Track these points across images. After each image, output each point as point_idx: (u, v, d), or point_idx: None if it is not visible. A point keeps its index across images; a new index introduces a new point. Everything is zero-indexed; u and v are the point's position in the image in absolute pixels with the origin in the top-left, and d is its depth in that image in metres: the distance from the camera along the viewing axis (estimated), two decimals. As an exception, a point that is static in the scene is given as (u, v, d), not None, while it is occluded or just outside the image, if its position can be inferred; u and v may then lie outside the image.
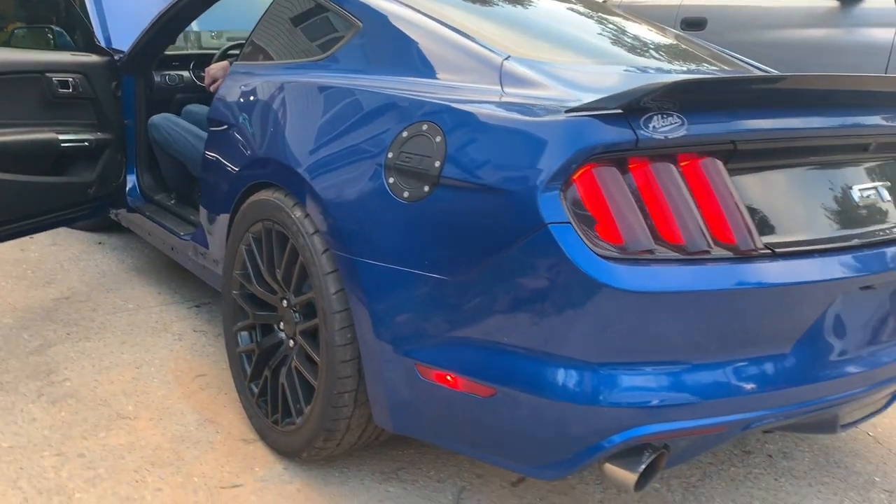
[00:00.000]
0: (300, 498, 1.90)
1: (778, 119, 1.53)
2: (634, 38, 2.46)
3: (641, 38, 2.45)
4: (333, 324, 1.76)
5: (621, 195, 1.41)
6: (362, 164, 1.72)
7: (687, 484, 2.05)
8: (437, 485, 1.98)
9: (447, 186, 1.55)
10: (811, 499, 2.03)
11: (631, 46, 2.36)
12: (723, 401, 1.46)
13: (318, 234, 1.81)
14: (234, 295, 2.20)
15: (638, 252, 1.40)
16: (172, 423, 2.21)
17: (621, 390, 1.43)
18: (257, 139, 2.12)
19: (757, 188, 1.54)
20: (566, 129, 1.42)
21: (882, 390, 1.76)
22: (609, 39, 2.37)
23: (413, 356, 1.63)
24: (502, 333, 1.50)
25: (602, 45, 2.26)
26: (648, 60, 2.20)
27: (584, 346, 1.42)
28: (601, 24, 2.52)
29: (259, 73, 2.30)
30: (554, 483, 2.02)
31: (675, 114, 1.42)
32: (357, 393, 1.79)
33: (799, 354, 1.54)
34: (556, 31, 2.30)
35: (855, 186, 1.68)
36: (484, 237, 1.49)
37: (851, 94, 1.65)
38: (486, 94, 1.66)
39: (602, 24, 2.52)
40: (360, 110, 1.80)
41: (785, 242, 1.51)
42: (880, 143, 1.76)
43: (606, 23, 2.54)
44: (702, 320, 1.43)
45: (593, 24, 2.48)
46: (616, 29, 2.50)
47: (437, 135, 1.59)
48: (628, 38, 2.44)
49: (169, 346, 2.72)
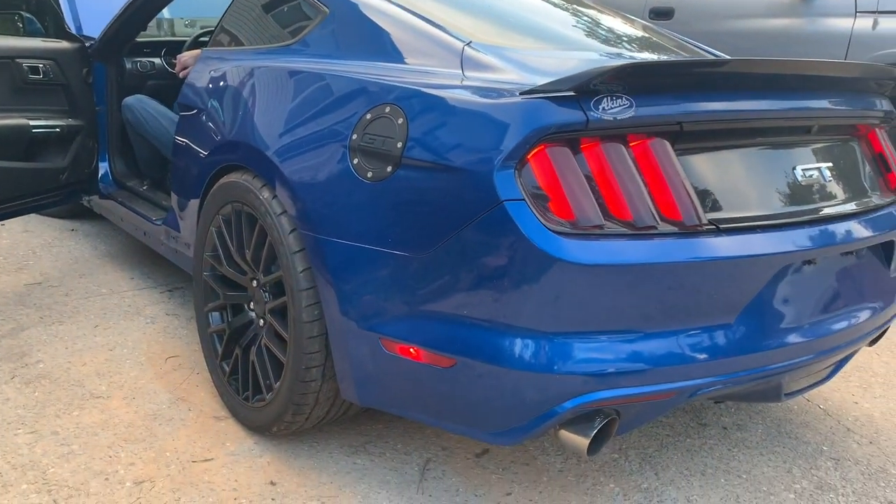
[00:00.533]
0: (270, 470, 1.96)
1: (723, 102, 1.61)
2: (597, 26, 2.53)
3: (604, 26, 2.52)
4: (301, 301, 1.82)
5: (573, 173, 1.48)
6: (328, 146, 1.78)
7: (644, 454, 2.14)
8: (404, 457, 2.05)
9: (409, 166, 1.61)
10: (762, 467, 2.13)
11: (592, 34, 2.44)
12: (669, 368, 1.54)
13: (285, 215, 1.87)
14: (205, 276, 2.25)
15: (588, 227, 1.47)
16: (145, 402, 2.25)
17: (573, 359, 1.51)
18: (226, 123, 2.16)
19: (703, 167, 1.62)
20: (520, 111, 1.49)
21: (825, 360, 1.85)
22: (571, 27, 2.44)
23: (377, 330, 1.69)
24: (462, 306, 1.57)
25: (564, 33, 2.33)
26: (608, 47, 2.28)
27: (539, 316, 1.49)
28: (566, 12, 2.59)
29: (228, 59, 2.34)
30: (516, 454, 2.10)
31: (623, 96, 1.49)
32: (324, 367, 1.85)
33: (743, 325, 1.62)
34: (520, 18, 2.37)
35: (798, 166, 1.77)
36: (444, 215, 1.56)
37: (794, 79, 1.74)
38: (448, 77, 1.72)
39: (566, 12, 2.59)
40: (326, 94, 1.86)
41: (729, 218, 1.59)
42: (823, 126, 1.85)
43: (571, 11, 2.60)
44: (649, 292, 1.51)
45: (558, 13, 2.55)
46: (579, 17, 2.57)
47: (400, 117, 1.65)
48: (591, 26, 2.51)
49: (142, 329, 2.76)
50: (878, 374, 2.78)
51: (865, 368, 2.82)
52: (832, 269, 1.81)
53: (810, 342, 1.74)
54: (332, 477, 1.95)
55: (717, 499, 1.97)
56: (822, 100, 1.84)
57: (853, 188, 1.93)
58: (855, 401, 2.56)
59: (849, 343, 1.87)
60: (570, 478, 2.01)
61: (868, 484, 2.07)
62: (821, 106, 1.82)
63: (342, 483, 1.92)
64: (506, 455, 2.09)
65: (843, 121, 1.95)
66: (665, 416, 2.34)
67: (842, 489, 2.04)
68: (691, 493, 1.98)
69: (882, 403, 2.55)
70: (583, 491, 1.96)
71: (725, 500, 1.96)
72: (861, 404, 2.54)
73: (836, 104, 1.89)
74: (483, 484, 1.96)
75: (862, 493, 2.03)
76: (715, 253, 1.52)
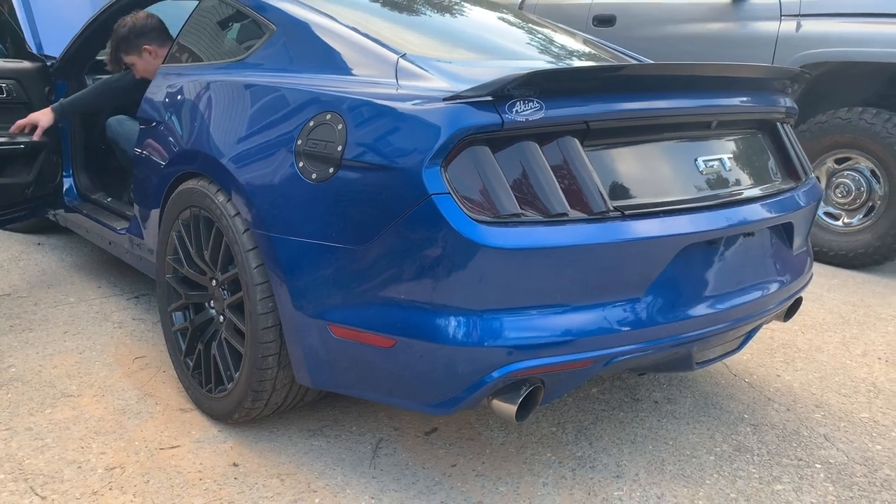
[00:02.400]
0: (233, 454, 2.11)
1: (626, 102, 1.82)
2: (531, 37, 2.74)
3: (538, 37, 2.73)
4: (256, 295, 1.99)
5: (492, 169, 1.68)
6: (276, 152, 1.95)
7: (580, 427, 2.34)
8: (358, 437, 2.22)
9: (348, 167, 1.79)
10: (687, 434, 2.33)
11: (524, 44, 2.64)
12: (586, 339, 1.74)
13: (239, 216, 2.03)
14: (168, 278, 2.40)
15: (507, 216, 1.66)
16: (114, 399, 2.40)
17: (498, 333, 1.69)
18: (184, 134, 2.33)
19: (611, 160, 1.83)
20: (444, 115, 1.68)
21: (733, 331, 2.06)
22: (505, 39, 2.64)
23: (325, 317, 1.87)
24: (399, 291, 1.75)
25: (496, 44, 2.53)
26: (535, 57, 2.48)
27: (466, 296, 1.68)
28: (503, 24, 2.79)
29: (184, 74, 2.50)
30: (462, 430, 2.28)
31: (534, 100, 1.69)
32: (280, 356, 2.01)
33: (652, 299, 1.82)
34: (456, 31, 2.57)
35: (700, 157, 1.98)
36: (380, 209, 1.74)
37: (691, 80, 1.95)
38: (384, 86, 1.90)
39: (504, 24, 2.80)
40: (273, 104, 2.03)
41: (634, 205, 1.79)
42: (724, 121, 2.07)
43: (508, 23, 2.81)
44: (564, 271, 1.70)
45: (495, 25, 2.75)
46: (515, 29, 2.78)
47: (339, 123, 1.83)
48: (524, 38, 2.72)
49: (110, 334, 2.89)
50: (801, 349, 3.02)
51: (790, 345, 3.05)
52: (737, 248, 2.02)
53: (717, 314, 1.95)
54: (290, 457, 2.11)
55: (644, 463, 2.16)
56: (722, 98, 2.05)
57: (754, 176, 2.15)
58: (778, 374, 2.78)
59: (754, 315, 2.08)
60: (511, 449, 2.20)
61: (781, 445, 2.29)
62: (720, 103, 2.04)
63: (300, 462, 2.09)
64: (452, 432, 2.27)
65: (743, 116, 2.17)
66: (601, 393, 2.54)
67: (757, 450, 2.25)
68: (621, 458, 2.18)
69: (802, 376, 2.78)
70: (522, 460, 2.14)
71: (652, 463, 2.16)
72: (783, 377, 2.76)
73: (736, 102, 2.11)
74: (430, 458, 2.13)
75: (775, 453, 2.24)
76: (620, 236, 1.72)
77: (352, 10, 2.39)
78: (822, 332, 3.22)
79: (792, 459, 2.21)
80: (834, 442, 2.31)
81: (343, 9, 2.38)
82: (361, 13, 2.41)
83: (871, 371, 2.83)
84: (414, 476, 2.05)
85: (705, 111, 1.98)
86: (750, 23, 4.46)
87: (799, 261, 2.30)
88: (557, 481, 2.05)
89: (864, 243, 4.10)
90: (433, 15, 2.67)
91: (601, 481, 2.06)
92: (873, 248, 4.07)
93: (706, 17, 4.66)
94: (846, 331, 3.24)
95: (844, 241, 4.17)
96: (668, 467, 2.14)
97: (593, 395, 2.54)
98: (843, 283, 3.94)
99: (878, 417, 2.48)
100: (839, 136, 4.14)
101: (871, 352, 3.02)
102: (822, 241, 4.22)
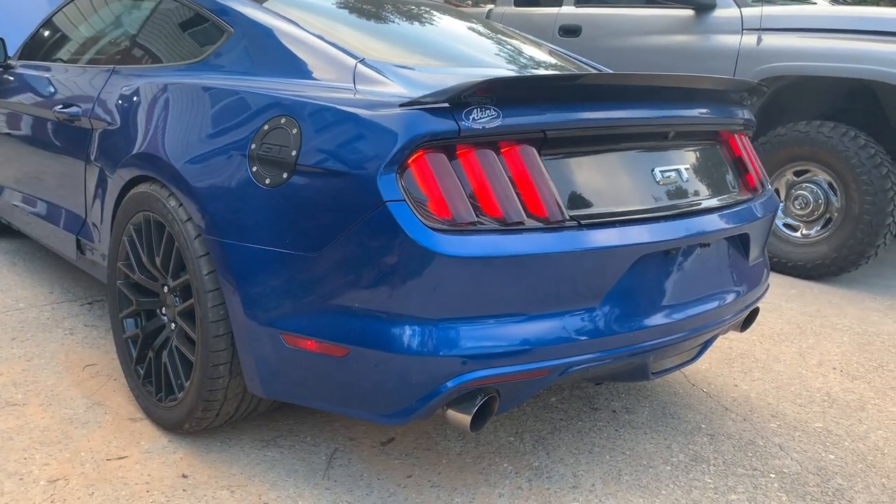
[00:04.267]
0: (182, 465, 2.06)
1: (584, 112, 1.82)
2: (495, 45, 2.74)
3: (502, 45, 2.73)
4: (207, 302, 1.94)
5: (448, 176, 1.66)
6: (229, 156, 1.91)
7: (538, 436, 2.32)
8: (313, 448, 2.18)
9: (302, 173, 1.76)
10: (644, 444, 2.33)
11: (487, 53, 2.64)
12: (540, 349, 1.72)
13: (190, 221, 1.99)
14: (119, 284, 2.34)
15: (463, 224, 1.65)
16: (61, 408, 2.32)
17: (454, 342, 1.67)
18: (136, 137, 2.27)
19: (568, 169, 1.82)
20: (400, 121, 1.66)
21: (689, 341, 2.07)
22: (469, 46, 2.63)
23: (277, 326, 1.83)
24: (353, 299, 1.72)
25: (458, 51, 2.52)
26: (497, 64, 2.47)
27: (420, 305, 1.66)
28: (469, 32, 2.78)
29: (138, 76, 2.45)
30: (419, 440, 2.25)
31: (492, 107, 1.67)
32: (231, 364, 1.97)
33: (607, 308, 1.82)
34: (420, 38, 2.56)
35: (657, 168, 1.99)
36: (334, 216, 1.71)
37: (649, 90, 1.95)
38: (341, 91, 1.88)
39: (469, 32, 2.79)
40: (227, 108, 1.99)
41: (590, 215, 1.79)
42: (681, 132, 2.07)
43: (472, 31, 2.80)
44: (520, 280, 1.69)
45: (459, 32, 2.74)
46: (479, 37, 2.77)
47: (294, 127, 1.80)
48: (488, 46, 2.72)
49: (60, 341, 2.81)
50: (758, 359, 3.04)
51: (748, 355, 3.08)
52: (693, 258, 2.03)
53: (672, 324, 1.95)
54: (242, 468, 2.06)
55: (601, 473, 2.15)
56: (679, 109, 2.06)
57: (711, 187, 2.16)
58: (735, 384, 2.80)
59: (710, 325, 2.09)
60: (468, 459, 2.17)
61: (737, 455, 2.30)
62: (677, 115, 2.04)
63: (252, 473, 2.04)
64: (409, 442, 2.24)
65: (701, 127, 2.18)
66: (560, 402, 2.54)
67: (713, 460, 2.26)
68: (578, 469, 2.17)
69: (759, 385, 2.80)
70: (478, 471, 2.12)
71: (608, 473, 2.15)
72: (740, 387, 2.78)
73: (694, 113, 2.12)
74: (386, 469, 2.10)
75: (731, 463, 2.25)
76: (576, 245, 1.71)
77: (313, 16, 2.36)
78: (779, 342, 3.25)
79: (747, 469, 2.22)
80: (788, 452, 2.33)
81: (304, 13, 2.35)
82: (324, 18, 2.38)
83: (825, 381, 2.87)
84: (368, 487, 2.01)
85: (663, 122, 1.99)
86: (712, 36, 4.52)
87: (755, 271, 2.32)
88: (513, 492, 2.04)
89: (822, 254, 4.16)
90: (399, 22, 2.65)
91: (557, 492, 2.05)
92: (830, 260, 4.13)
93: (670, 29, 4.71)
94: (803, 341, 3.28)
95: (803, 253, 4.24)
96: (624, 477, 2.14)
97: (552, 404, 2.53)
98: (801, 294, 3.99)
99: (832, 427, 2.50)
100: (798, 149, 4.20)
101: (826, 362, 3.06)
102: (781, 252, 4.28)
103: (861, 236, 4.02)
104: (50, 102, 2.87)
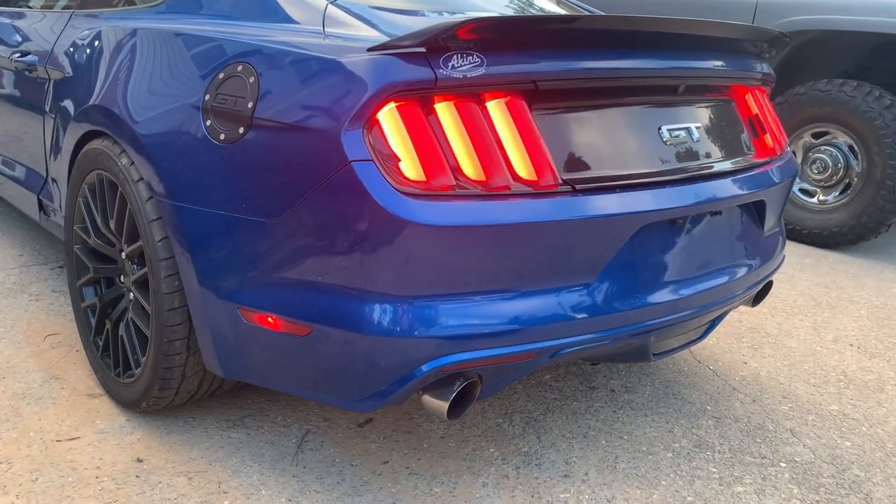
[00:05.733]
0: (139, 447, 1.89)
1: (581, 60, 1.59)
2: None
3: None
4: (160, 272, 1.75)
5: (423, 133, 1.44)
6: (182, 108, 1.70)
7: (529, 418, 2.14)
8: (283, 429, 2.01)
9: (259, 127, 1.55)
10: (644, 427, 2.15)
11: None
12: (528, 329, 1.53)
13: (142, 182, 1.79)
14: (77, 249, 2.15)
15: (440, 188, 1.44)
16: (15, 381, 2.15)
17: (429, 321, 1.48)
18: (89, 87, 2.06)
19: (563, 127, 1.60)
20: (367, 68, 1.44)
21: (695, 320, 1.87)
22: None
23: (235, 300, 1.64)
24: (317, 272, 1.52)
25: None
26: (490, 9, 2.23)
27: (391, 280, 1.46)
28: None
29: (94, 20, 2.22)
30: (399, 422, 2.07)
31: (474, 53, 1.45)
32: (189, 340, 1.78)
33: (604, 285, 1.62)
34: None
35: (664, 127, 1.76)
36: (294, 178, 1.50)
37: (657, 37, 1.72)
38: (307, 35, 1.66)
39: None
40: (182, 55, 1.77)
41: (587, 179, 1.58)
42: (690, 86, 1.84)
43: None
44: (505, 252, 1.48)
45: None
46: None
47: (251, 75, 1.59)
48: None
49: (24, 307, 2.64)
50: (770, 334, 2.85)
51: (758, 329, 2.88)
52: (702, 228, 1.82)
53: (677, 302, 1.75)
54: (203, 452, 1.89)
55: (595, 460, 1.98)
56: (690, 60, 1.83)
57: (725, 148, 1.94)
58: (744, 361, 2.61)
59: (719, 302, 1.88)
60: (451, 444, 2.00)
61: (745, 441, 2.11)
62: (689, 66, 1.81)
63: (213, 458, 1.87)
64: (388, 423, 2.07)
65: (715, 81, 1.95)
66: (554, 380, 2.35)
67: (719, 447, 2.08)
68: (571, 455, 1.99)
69: (770, 363, 2.61)
70: (462, 456, 1.95)
71: (604, 460, 1.98)
72: (750, 364, 2.59)
73: (707, 64, 1.89)
74: (361, 454, 1.93)
75: (738, 450, 2.06)
76: (569, 213, 1.50)
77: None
78: (792, 315, 3.05)
79: (755, 457, 2.04)
80: (801, 438, 2.14)
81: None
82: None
83: (842, 359, 2.67)
84: (340, 475, 1.84)
85: (672, 73, 1.76)
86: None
87: (770, 242, 2.11)
88: (499, 481, 1.86)
89: (839, 222, 3.93)
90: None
91: (547, 481, 1.87)
92: (848, 227, 3.90)
93: (684, -21, 4.41)
94: (817, 314, 3.08)
95: (819, 219, 4.01)
96: (621, 465, 1.96)
97: (546, 382, 2.35)
98: (816, 263, 3.77)
99: (848, 410, 2.31)
100: (818, 110, 3.95)
101: (842, 338, 2.86)
102: (795, 219, 4.05)
103: (882, 202, 3.78)
104: (7, 50, 2.65)
